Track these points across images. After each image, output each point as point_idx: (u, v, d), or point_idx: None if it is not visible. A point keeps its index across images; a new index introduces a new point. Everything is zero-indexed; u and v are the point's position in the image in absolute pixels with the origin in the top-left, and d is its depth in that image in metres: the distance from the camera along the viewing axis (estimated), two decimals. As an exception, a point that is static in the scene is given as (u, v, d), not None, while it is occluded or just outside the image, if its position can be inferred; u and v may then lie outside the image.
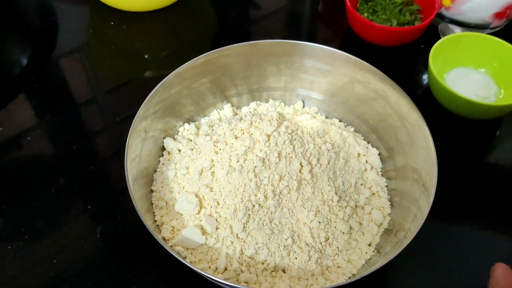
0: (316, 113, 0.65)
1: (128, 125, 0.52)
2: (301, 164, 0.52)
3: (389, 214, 0.55)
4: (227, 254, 0.49)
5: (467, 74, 0.71)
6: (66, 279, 0.52)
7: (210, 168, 0.52)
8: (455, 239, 0.57)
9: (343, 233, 0.52)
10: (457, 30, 0.77)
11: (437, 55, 0.67)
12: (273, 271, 0.50)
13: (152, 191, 0.55)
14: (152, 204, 0.54)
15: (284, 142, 0.52)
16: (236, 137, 0.54)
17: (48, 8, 0.84)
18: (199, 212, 0.51)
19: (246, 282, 0.48)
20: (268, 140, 0.52)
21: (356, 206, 0.54)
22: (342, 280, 0.49)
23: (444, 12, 0.78)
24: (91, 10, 0.83)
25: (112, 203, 0.59)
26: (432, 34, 0.77)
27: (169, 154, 0.58)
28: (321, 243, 0.50)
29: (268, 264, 0.49)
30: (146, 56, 0.77)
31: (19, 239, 0.55)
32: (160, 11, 0.82)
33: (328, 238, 0.51)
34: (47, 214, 0.57)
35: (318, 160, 0.53)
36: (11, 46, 0.79)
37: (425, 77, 0.74)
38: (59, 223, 0.57)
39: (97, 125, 0.68)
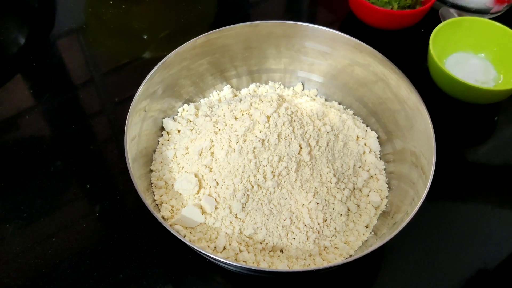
0: (316, 95, 0.65)
1: (126, 105, 0.52)
2: (300, 145, 0.52)
3: (386, 196, 0.55)
4: (226, 233, 0.49)
5: (466, 58, 0.71)
6: (65, 257, 0.53)
7: (210, 149, 0.52)
8: (451, 222, 0.58)
9: (341, 214, 0.52)
10: (458, 14, 0.77)
11: (437, 39, 0.67)
12: (271, 250, 0.50)
13: (151, 170, 0.55)
14: (151, 183, 0.54)
15: (283, 124, 0.52)
16: (235, 118, 0.54)
17: (46, -13, 0.83)
18: (198, 192, 0.51)
19: (245, 261, 0.48)
20: (268, 121, 0.52)
21: (354, 188, 0.55)
22: (339, 260, 0.50)
23: (445, -4, 0.78)
24: (89, -11, 0.83)
25: (111, 183, 0.59)
26: (432, 18, 0.76)
27: (168, 134, 0.58)
28: (319, 224, 0.51)
29: (267, 244, 0.50)
30: (145, 37, 0.77)
31: (18, 217, 0.56)
32: (159, -10, 0.82)
33: (326, 219, 0.51)
34: (46, 193, 0.58)
35: (317, 142, 0.53)
36: (8, 25, 0.78)
37: (425, 61, 0.74)
38: (58, 202, 0.57)
39: (95, 105, 0.68)
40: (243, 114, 0.54)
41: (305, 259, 0.50)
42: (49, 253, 0.53)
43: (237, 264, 0.43)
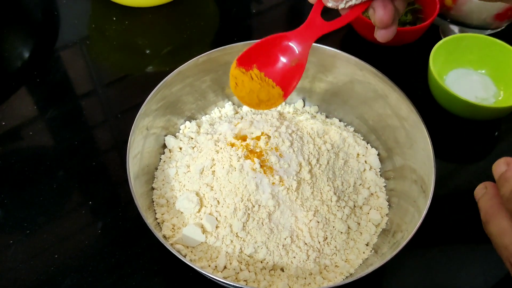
0: (317, 112, 0.65)
1: (129, 120, 0.53)
2: (300, 164, 0.53)
3: (387, 214, 0.56)
4: (226, 252, 0.50)
5: (467, 75, 0.71)
6: (67, 274, 0.53)
7: (211, 167, 0.53)
8: (452, 240, 0.58)
9: (341, 232, 0.53)
10: (458, 30, 0.77)
11: (437, 55, 0.67)
12: (271, 269, 0.50)
13: (153, 188, 0.56)
14: (153, 201, 0.54)
15: (284, 142, 0.53)
16: (236, 137, 0.54)
17: (50, 2, 0.84)
18: (199, 210, 0.51)
19: (245, 281, 0.48)
20: (269, 140, 0.53)
21: (354, 206, 0.55)
22: (340, 279, 0.50)
23: (446, 12, 0.78)
24: (93, 5, 0.83)
25: (113, 198, 0.59)
26: (433, 34, 0.77)
27: (170, 152, 0.59)
28: (319, 242, 0.51)
29: (267, 263, 0.50)
30: (147, 52, 0.78)
31: (21, 233, 0.56)
32: (162, 6, 0.82)
33: (327, 237, 0.52)
34: (49, 209, 0.58)
35: (317, 160, 0.54)
36: (13, 40, 0.79)
37: (425, 77, 0.74)
38: (61, 219, 0.57)
39: (98, 119, 0.68)
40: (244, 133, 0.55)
41: (305, 278, 0.50)
42: (51, 270, 0.53)
43: (236, 285, 0.43)
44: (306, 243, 0.51)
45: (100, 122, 0.68)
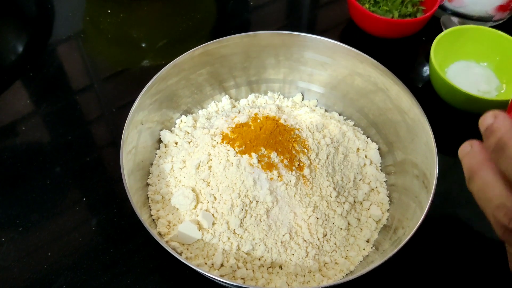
0: (316, 106, 0.64)
1: (124, 114, 0.52)
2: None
3: (387, 210, 0.54)
4: (223, 250, 0.48)
5: (469, 67, 0.70)
6: (61, 272, 0.52)
7: (207, 162, 0.51)
8: (455, 236, 0.57)
9: (341, 229, 0.51)
10: (459, 22, 0.76)
11: (439, 48, 0.66)
12: (270, 267, 0.49)
13: (148, 184, 0.54)
14: (148, 198, 0.53)
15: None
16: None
17: (44, -5, 0.83)
18: (195, 207, 0.50)
19: (243, 279, 0.47)
20: (267, 134, 0.52)
21: (354, 201, 0.54)
22: (340, 276, 0.49)
23: (447, 4, 0.77)
24: (87, -2, 0.82)
25: (108, 195, 0.58)
26: (434, 27, 0.75)
27: (165, 147, 0.57)
28: (318, 239, 0.50)
29: (265, 260, 0.49)
30: (143, 45, 0.76)
31: (13, 231, 0.55)
32: (158, -1, 0.81)
33: (326, 234, 0.51)
34: (42, 206, 0.57)
35: (316, 155, 0.52)
36: (6, 34, 0.78)
37: (426, 70, 0.73)
38: (54, 216, 0.56)
39: (93, 114, 0.67)
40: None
41: (304, 276, 0.49)
42: (44, 268, 0.52)
43: (234, 283, 0.42)
44: (305, 240, 0.49)
45: (95, 117, 0.67)
